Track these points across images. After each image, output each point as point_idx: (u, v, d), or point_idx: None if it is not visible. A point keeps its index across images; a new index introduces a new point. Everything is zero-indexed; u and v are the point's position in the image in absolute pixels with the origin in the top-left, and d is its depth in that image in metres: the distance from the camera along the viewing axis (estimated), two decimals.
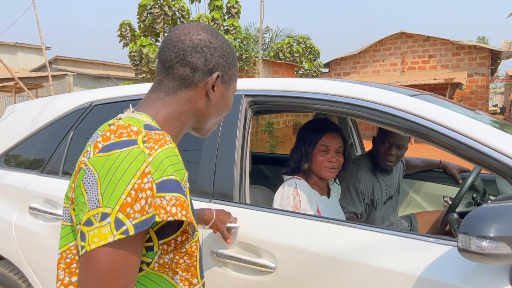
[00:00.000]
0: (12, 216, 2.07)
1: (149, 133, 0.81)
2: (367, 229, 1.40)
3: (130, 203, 0.73)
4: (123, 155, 0.76)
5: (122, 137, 0.80)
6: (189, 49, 0.91)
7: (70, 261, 0.87)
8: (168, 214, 0.76)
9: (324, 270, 1.37)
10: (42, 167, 2.12)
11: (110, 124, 0.85)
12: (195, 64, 0.91)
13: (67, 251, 0.87)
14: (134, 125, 0.83)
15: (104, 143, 0.80)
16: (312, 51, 16.27)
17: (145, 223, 0.74)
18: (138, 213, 0.74)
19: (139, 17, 11.94)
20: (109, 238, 0.72)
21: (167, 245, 0.84)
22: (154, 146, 0.79)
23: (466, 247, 1.03)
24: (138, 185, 0.74)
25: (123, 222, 0.73)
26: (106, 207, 0.73)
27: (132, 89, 2.04)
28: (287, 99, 1.67)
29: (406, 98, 1.46)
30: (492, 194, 2.36)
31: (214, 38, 0.94)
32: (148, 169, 0.76)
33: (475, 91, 15.66)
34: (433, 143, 1.38)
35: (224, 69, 0.96)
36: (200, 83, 0.93)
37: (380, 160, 2.26)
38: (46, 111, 2.27)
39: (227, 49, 0.96)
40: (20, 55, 23.23)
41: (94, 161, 0.78)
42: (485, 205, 1.10)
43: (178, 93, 0.93)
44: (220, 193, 1.62)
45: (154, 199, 0.75)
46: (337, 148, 1.86)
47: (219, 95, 0.97)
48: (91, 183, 0.76)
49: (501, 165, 1.24)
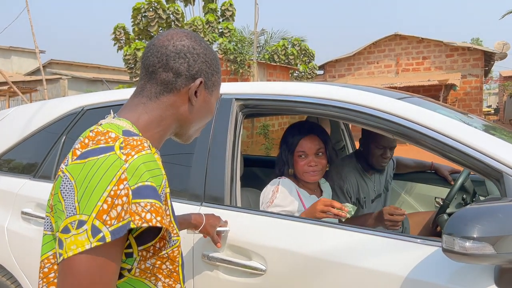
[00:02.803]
0: (5, 221, 2.07)
1: (126, 139, 0.81)
2: (355, 230, 1.42)
3: (107, 210, 0.73)
4: (100, 162, 0.76)
5: (99, 144, 0.80)
6: (172, 55, 0.91)
7: (48, 271, 0.87)
8: (142, 221, 0.75)
9: (313, 272, 1.39)
10: (34, 171, 2.12)
11: (91, 130, 0.85)
12: (178, 70, 0.91)
13: (45, 260, 0.87)
14: (113, 131, 0.83)
15: (82, 149, 0.81)
16: (306, 53, 16.29)
17: (121, 229, 0.74)
18: (115, 219, 0.73)
19: (133, 20, 11.93)
20: (86, 245, 0.72)
21: (146, 252, 0.84)
22: (130, 152, 0.78)
23: (450, 248, 1.04)
24: (114, 191, 0.74)
25: (100, 229, 0.73)
26: (83, 214, 0.73)
27: (124, 93, 2.05)
28: (277, 102, 1.69)
29: (393, 101, 1.49)
30: (482, 195, 2.38)
31: (198, 45, 0.94)
32: (124, 175, 0.75)
33: (469, 92, 15.75)
34: (419, 145, 1.40)
35: (207, 75, 0.96)
36: (183, 88, 0.93)
37: (374, 162, 2.31)
38: (38, 116, 2.28)
39: (210, 56, 0.96)
40: (14, 58, 23.14)
41: (71, 168, 0.79)
42: (469, 206, 1.12)
43: (160, 98, 0.92)
44: (211, 196, 1.63)
45: (129, 205, 0.75)
46: (316, 151, 1.85)
47: (202, 101, 0.97)
48: (68, 190, 0.77)
49: (486, 167, 1.26)
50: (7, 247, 2.04)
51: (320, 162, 1.85)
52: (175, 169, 1.77)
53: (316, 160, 1.84)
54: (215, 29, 12.89)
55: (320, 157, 1.86)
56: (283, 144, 1.94)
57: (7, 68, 20.96)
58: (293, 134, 1.90)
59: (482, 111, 17.15)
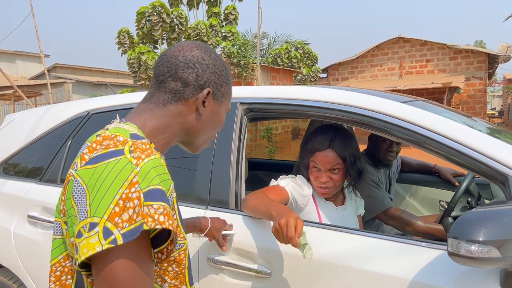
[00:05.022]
0: (11, 224, 2.08)
1: (135, 143, 0.83)
2: (361, 234, 1.42)
3: (118, 212, 0.74)
4: (111, 166, 0.77)
5: (109, 148, 0.81)
6: (181, 65, 0.93)
7: (60, 274, 0.88)
8: (156, 223, 0.76)
9: (318, 275, 1.39)
10: (40, 175, 2.13)
11: (98, 135, 0.86)
12: (186, 79, 0.93)
13: (57, 264, 0.88)
14: (121, 135, 0.84)
15: (90, 154, 0.81)
16: (310, 56, 16.31)
17: (134, 232, 0.74)
18: (126, 222, 0.74)
19: (137, 24, 11.98)
20: (96, 248, 0.72)
21: (161, 254, 0.85)
22: (141, 156, 0.80)
23: (455, 251, 1.04)
24: (126, 194, 0.75)
25: (112, 232, 0.73)
26: (94, 217, 0.74)
27: (130, 98, 2.06)
28: (281, 106, 1.70)
29: (398, 105, 1.49)
30: (487, 198, 2.37)
31: (207, 56, 0.95)
32: (135, 179, 0.76)
33: (473, 94, 15.71)
34: (425, 149, 1.40)
35: (216, 86, 0.96)
36: (191, 98, 0.94)
37: (381, 156, 2.40)
38: (44, 120, 2.30)
39: (220, 67, 0.97)
40: (19, 63, 23.29)
41: (81, 173, 0.79)
42: (475, 209, 1.12)
43: (168, 106, 0.94)
44: (216, 200, 1.64)
45: (141, 207, 0.75)
46: (330, 167, 1.68)
47: (210, 111, 0.97)
48: (81, 195, 0.77)
49: (491, 170, 1.26)
50: (14, 250, 2.06)
51: (333, 179, 1.69)
52: (180, 172, 1.78)
53: (329, 176, 1.69)
54: (218, 33, 12.92)
55: (335, 173, 1.69)
56: (302, 147, 1.82)
57: (12, 73, 21.10)
58: (313, 142, 1.74)
59: (486, 114, 17.08)
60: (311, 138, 1.77)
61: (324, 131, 1.77)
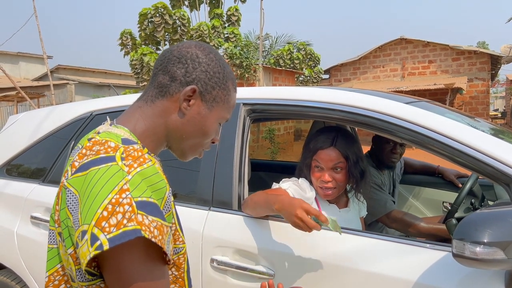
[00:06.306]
0: (14, 225, 2.09)
1: (127, 149, 0.80)
2: (364, 235, 1.42)
3: (106, 217, 0.70)
4: (101, 172, 0.75)
5: (99, 154, 0.78)
6: (174, 59, 0.90)
7: (59, 283, 0.86)
8: (152, 235, 0.72)
9: (321, 276, 1.38)
10: (43, 176, 2.14)
11: (89, 139, 0.85)
12: (174, 74, 0.89)
13: (55, 273, 0.86)
14: (112, 140, 0.82)
15: (80, 161, 0.80)
16: (312, 57, 16.29)
17: (123, 236, 0.69)
18: (114, 227, 0.70)
19: (140, 25, 12.00)
20: (87, 257, 0.69)
21: None
22: (133, 164, 0.77)
23: (460, 253, 1.04)
24: (115, 199, 0.72)
25: (97, 237, 0.69)
26: (84, 224, 0.71)
27: (132, 99, 2.06)
28: (284, 107, 1.69)
29: (402, 106, 1.49)
30: (490, 199, 2.37)
31: (204, 54, 0.91)
32: (126, 186, 0.74)
33: (475, 96, 15.68)
34: (428, 149, 1.40)
35: (206, 87, 0.90)
36: (176, 94, 0.89)
37: (385, 158, 2.39)
38: (47, 121, 2.30)
39: (215, 68, 0.91)
40: (22, 64, 23.35)
41: (73, 181, 0.78)
42: (479, 211, 1.11)
43: (155, 102, 0.90)
44: (219, 201, 1.64)
45: (135, 214, 0.72)
46: (333, 165, 1.65)
47: (196, 113, 0.91)
48: (75, 204, 0.76)
49: (495, 171, 1.25)
50: (17, 251, 2.06)
51: (336, 178, 1.65)
52: (183, 173, 1.78)
53: (331, 175, 1.65)
54: (220, 34, 12.93)
55: (338, 172, 1.65)
56: (304, 148, 1.80)
57: (15, 74, 21.16)
58: (315, 141, 1.71)
59: (489, 115, 17.03)
60: (313, 138, 1.76)
61: (327, 131, 1.76)
